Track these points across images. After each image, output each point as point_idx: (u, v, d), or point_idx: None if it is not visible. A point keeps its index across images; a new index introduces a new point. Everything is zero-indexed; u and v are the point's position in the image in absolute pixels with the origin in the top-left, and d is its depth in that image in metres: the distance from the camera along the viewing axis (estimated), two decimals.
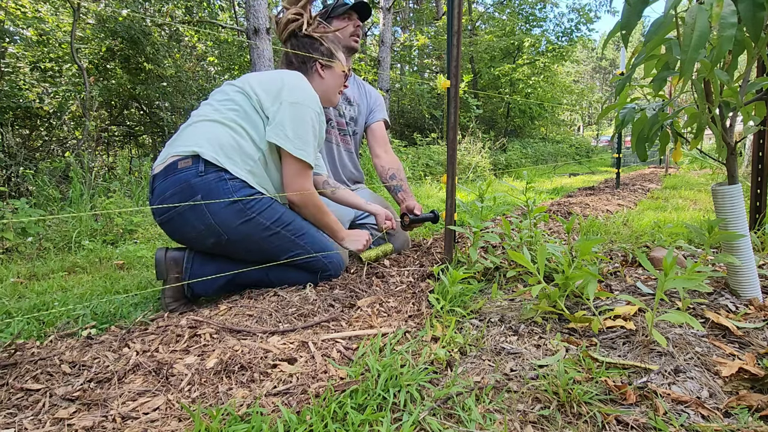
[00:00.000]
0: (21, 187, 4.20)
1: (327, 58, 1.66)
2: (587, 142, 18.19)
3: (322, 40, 1.65)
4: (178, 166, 1.36)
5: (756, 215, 1.74)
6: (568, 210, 2.95)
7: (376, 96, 2.20)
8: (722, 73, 1.04)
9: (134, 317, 1.40)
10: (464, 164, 6.97)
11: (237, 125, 1.42)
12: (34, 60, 6.11)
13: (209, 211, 1.35)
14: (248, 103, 1.44)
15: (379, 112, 2.19)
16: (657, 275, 0.98)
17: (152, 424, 0.79)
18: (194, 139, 1.38)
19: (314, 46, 1.64)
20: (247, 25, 4.81)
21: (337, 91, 1.73)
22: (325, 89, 1.68)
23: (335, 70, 1.68)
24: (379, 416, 0.76)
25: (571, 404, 0.79)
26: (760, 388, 0.82)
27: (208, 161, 1.35)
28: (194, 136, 1.39)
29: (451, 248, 1.59)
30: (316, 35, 1.64)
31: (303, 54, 1.64)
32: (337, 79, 1.70)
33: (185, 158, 1.36)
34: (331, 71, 1.67)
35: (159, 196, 1.37)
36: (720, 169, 6.02)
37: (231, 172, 1.37)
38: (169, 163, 1.37)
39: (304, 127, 1.45)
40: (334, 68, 1.67)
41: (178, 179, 1.34)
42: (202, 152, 1.35)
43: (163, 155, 1.41)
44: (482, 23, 16.11)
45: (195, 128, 1.41)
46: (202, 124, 1.42)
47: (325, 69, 1.66)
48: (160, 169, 1.39)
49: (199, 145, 1.36)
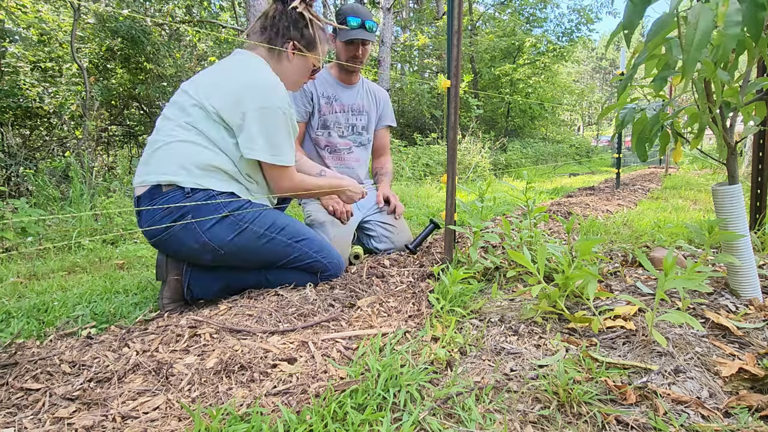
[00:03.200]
0: (21, 187, 4.20)
1: (306, 43, 1.50)
2: (587, 142, 18.18)
3: (310, 23, 1.49)
4: (162, 189, 1.32)
5: (756, 215, 1.74)
6: (568, 210, 2.95)
7: (384, 101, 2.23)
8: (723, 73, 1.04)
9: (134, 317, 1.40)
10: (464, 164, 6.97)
11: (205, 140, 1.35)
12: (34, 60, 6.11)
13: (201, 229, 1.33)
14: (208, 118, 1.34)
15: (386, 118, 2.23)
16: (657, 275, 0.97)
17: (152, 423, 0.79)
18: (168, 167, 1.32)
19: (298, 24, 1.48)
20: (247, 24, 4.80)
21: (302, 82, 1.59)
22: (288, 75, 1.51)
23: (307, 60, 1.53)
24: (379, 416, 0.76)
25: (571, 404, 0.79)
26: (760, 388, 0.82)
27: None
28: (167, 162, 1.33)
29: (451, 248, 1.59)
30: (307, 15, 1.48)
31: (281, 26, 1.48)
32: (305, 71, 1.55)
33: (168, 183, 1.32)
34: (303, 59, 1.52)
35: (148, 219, 1.33)
36: (720, 169, 6.02)
37: (216, 188, 1.34)
38: (153, 186, 1.33)
39: (275, 133, 1.37)
40: (308, 58, 1.52)
41: (167, 202, 1.31)
42: (181, 182, 1.31)
43: (141, 176, 1.35)
44: (483, 23, 16.11)
45: (165, 152, 1.34)
46: (170, 147, 1.34)
47: (296, 54, 1.50)
48: (143, 191, 1.34)
49: (176, 174, 1.31)
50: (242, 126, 1.34)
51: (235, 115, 1.34)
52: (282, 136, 1.39)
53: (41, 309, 1.46)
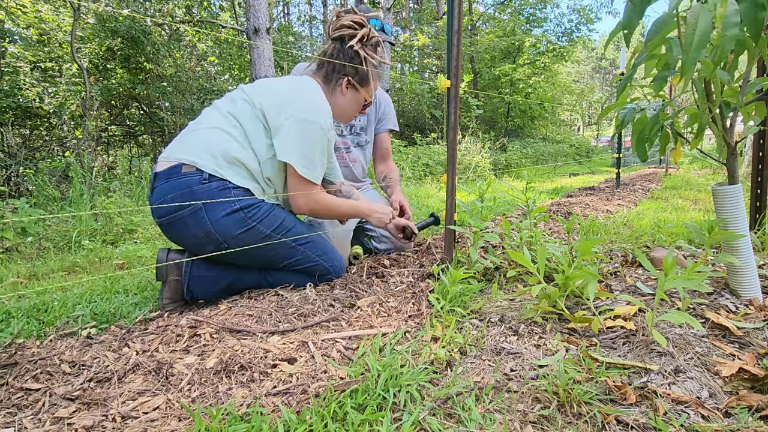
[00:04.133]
0: (21, 187, 4.20)
1: (359, 79, 1.57)
2: (587, 142, 18.18)
3: (364, 61, 1.56)
4: (182, 170, 1.34)
5: (756, 215, 1.74)
6: (568, 210, 2.95)
7: (386, 104, 2.22)
8: (723, 73, 1.04)
9: (134, 317, 1.40)
10: (464, 164, 6.96)
11: (240, 134, 1.39)
12: (34, 60, 6.11)
13: (209, 219, 1.34)
14: (251, 112, 1.40)
15: (388, 122, 2.22)
16: (657, 275, 0.98)
17: (152, 423, 0.79)
18: (196, 149, 1.36)
19: (354, 62, 1.55)
20: (247, 24, 4.81)
21: (353, 115, 1.66)
22: (341, 108, 1.61)
23: (359, 95, 1.60)
24: (379, 416, 0.76)
25: (571, 404, 0.79)
26: (760, 388, 0.82)
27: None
28: (197, 144, 1.37)
29: (451, 248, 1.59)
30: (362, 53, 1.54)
31: (337, 63, 1.56)
32: (356, 105, 1.63)
33: (189, 164, 1.35)
34: (355, 94, 1.60)
35: (160, 197, 1.35)
36: (720, 169, 6.02)
37: (233, 182, 1.36)
38: (173, 165, 1.35)
39: (309, 145, 1.40)
40: (359, 93, 1.60)
41: (181, 184, 1.33)
42: (203, 165, 1.33)
43: (168, 153, 1.39)
44: (483, 23, 16.11)
45: (198, 135, 1.39)
46: (206, 131, 1.39)
47: (350, 88, 1.58)
48: (163, 168, 1.36)
49: (200, 157, 1.34)
50: (280, 129, 1.39)
51: (277, 117, 1.39)
52: (316, 153, 1.42)
53: (41, 309, 1.46)
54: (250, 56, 5.26)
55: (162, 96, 7.16)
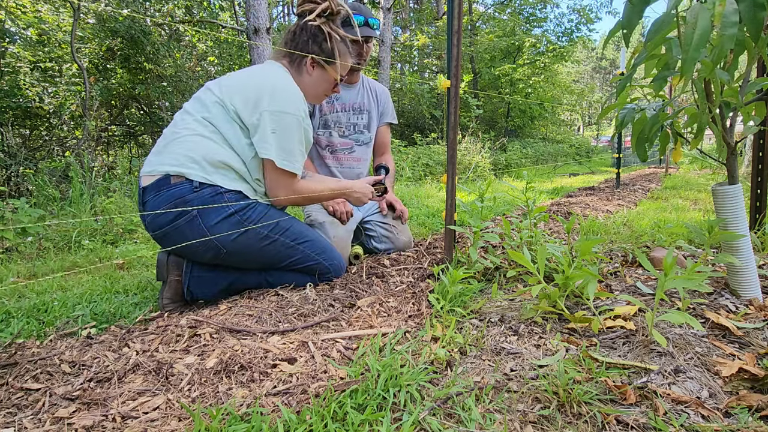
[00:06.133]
0: (21, 187, 4.20)
1: (324, 57, 1.51)
2: (587, 142, 18.18)
3: (328, 37, 1.50)
4: (170, 181, 1.32)
5: (756, 215, 1.74)
6: (568, 210, 2.95)
7: (385, 98, 2.22)
8: (723, 73, 1.04)
9: (134, 317, 1.40)
10: (464, 164, 6.96)
11: (219, 138, 1.37)
12: (34, 60, 6.11)
13: (205, 225, 1.33)
14: (226, 115, 1.37)
15: (387, 116, 2.22)
16: (657, 275, 0.97)
17: (152, 423, 0.79)
18: (180, 159, 1.33)
19: (317, 39, 1.49)
20: (247, 24, 4.81)
21: (324, 96, 1.61)
22: (309, 88, 1.54)
23: (327, 74, 1.54)
24: (379, 416, 0.76)
25: (571, 404, 0.79)
26: (760, 388, 0.82)
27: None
28: (179, 153, 1.34)
29: (451, 248, 1.59)
30: (325, 29, 1.49)
31: (300, 41, 1.50)
32: (326, 84, 1.56)
33: (177, 174, 1.33)
34: (322, 72, 1.53)
35: (154, 210, 1.33)
36: (720, 169, 6.02)
37: (224, 186, 1.35)
38: (161, 177, 1.33)
39: (287, 138, 1.38)
40: (327, 71, 1.53)
41: (173, 194, 1.31)
42: (190, 174, 1.32)
43: (151, 167, 1.36)
44: (483, 23, 16.11)
45: (179, 144, 1.35)
46: (185, 140, 1.35)
47: (316, 67, 1.52)
48: (149, 182, 1.34)
49: (186, 166, 1.32)
50: (258, 126, 1.36)
51: (252, 115, 1.37)
52: (293, 143, 1.40)
53: (41, 309, 1.46)
54: (250, 56, 5.26)
55: (162, 96, 7.16)
